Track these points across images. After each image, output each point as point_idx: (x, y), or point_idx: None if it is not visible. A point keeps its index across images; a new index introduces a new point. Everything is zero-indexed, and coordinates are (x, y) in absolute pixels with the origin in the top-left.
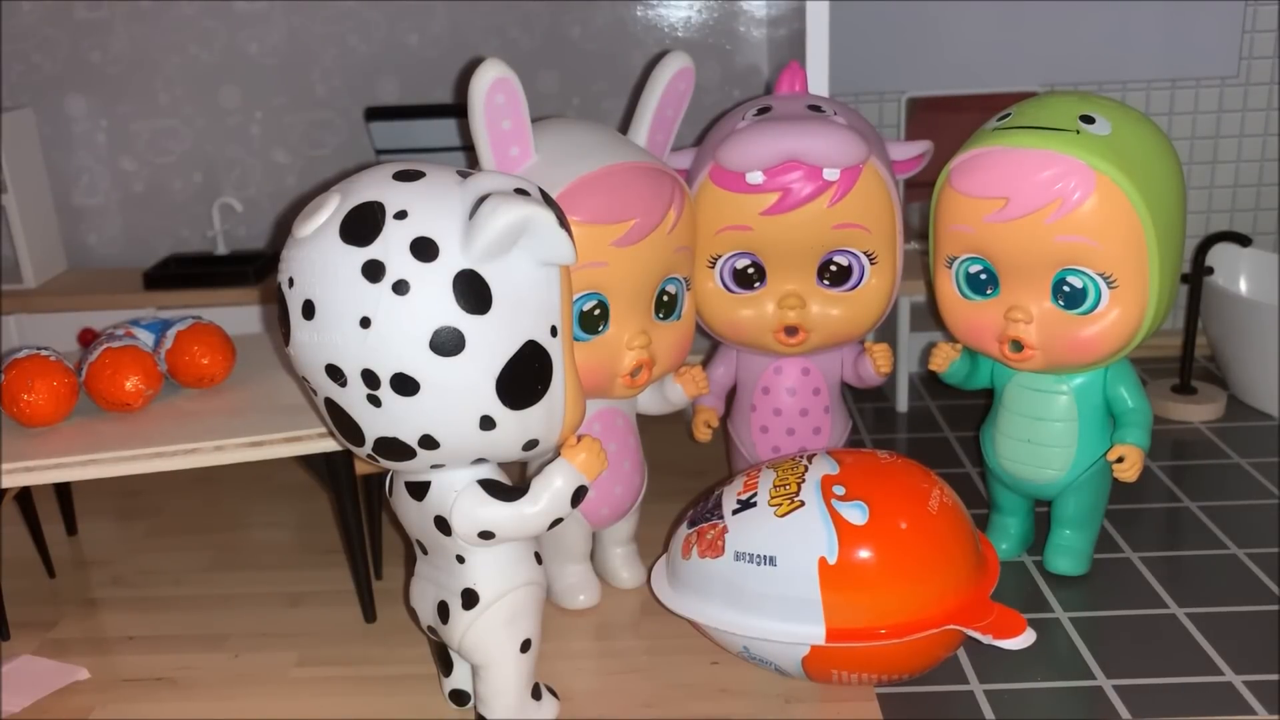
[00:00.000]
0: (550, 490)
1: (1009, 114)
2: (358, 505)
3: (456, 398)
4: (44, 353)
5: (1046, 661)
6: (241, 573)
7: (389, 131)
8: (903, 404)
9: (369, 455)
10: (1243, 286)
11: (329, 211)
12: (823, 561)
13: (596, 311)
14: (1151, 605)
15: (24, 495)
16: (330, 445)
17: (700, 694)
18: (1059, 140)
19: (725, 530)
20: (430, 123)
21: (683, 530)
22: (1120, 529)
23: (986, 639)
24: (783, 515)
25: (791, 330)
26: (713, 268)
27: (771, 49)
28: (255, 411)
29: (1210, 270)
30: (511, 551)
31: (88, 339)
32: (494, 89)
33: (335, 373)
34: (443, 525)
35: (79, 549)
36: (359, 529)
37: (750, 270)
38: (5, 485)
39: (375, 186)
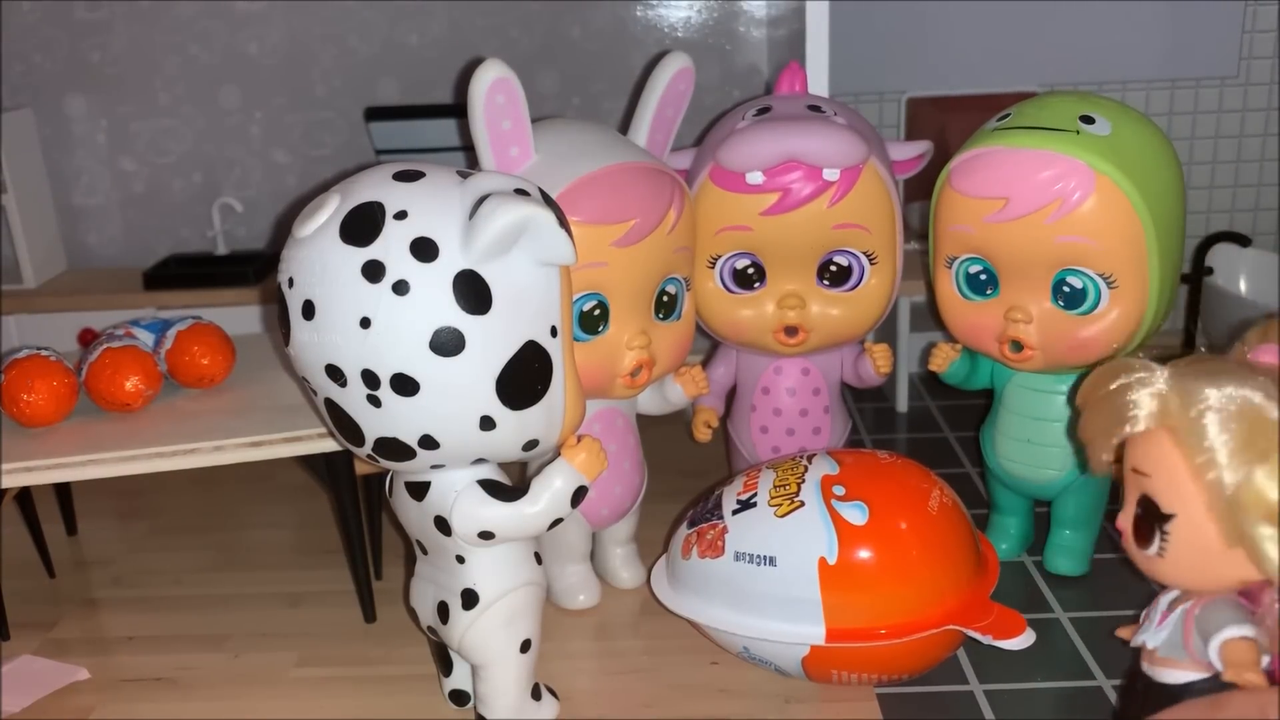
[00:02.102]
0: (550, 490)
1: (1009, 114)
2: (358, 505)
3: (456, 398)
4: (44, 353)
5: (1046, 661)
6: (241, 573)
7: (389, 131)
8: (903, 404)
9: (369, 455)
10: (1243, 286)
11: (329, 212)
12: (823, 562)
13: (596, 312)
14: None
15: (24, 495)
16: (330, 445)
17: (700, 694)
18: (1059, 140)
19: (725, 530)
20: (430, 123)
21: (683, 530)
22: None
23: (986, 639)
24: (783, 515)
25: (791, 330)
26: (713, 268)
27: (771, 49)
28: (255, 411)
29: (1210, 270)
30: (511, 552)
31: (88, 339)
32: (494, 89)
33: (335, 373)
34: (443, 525)
35: (79, 549)
36: (359, 529)
37: (750, 270)
38: (5, 485)
39: (375, 186)
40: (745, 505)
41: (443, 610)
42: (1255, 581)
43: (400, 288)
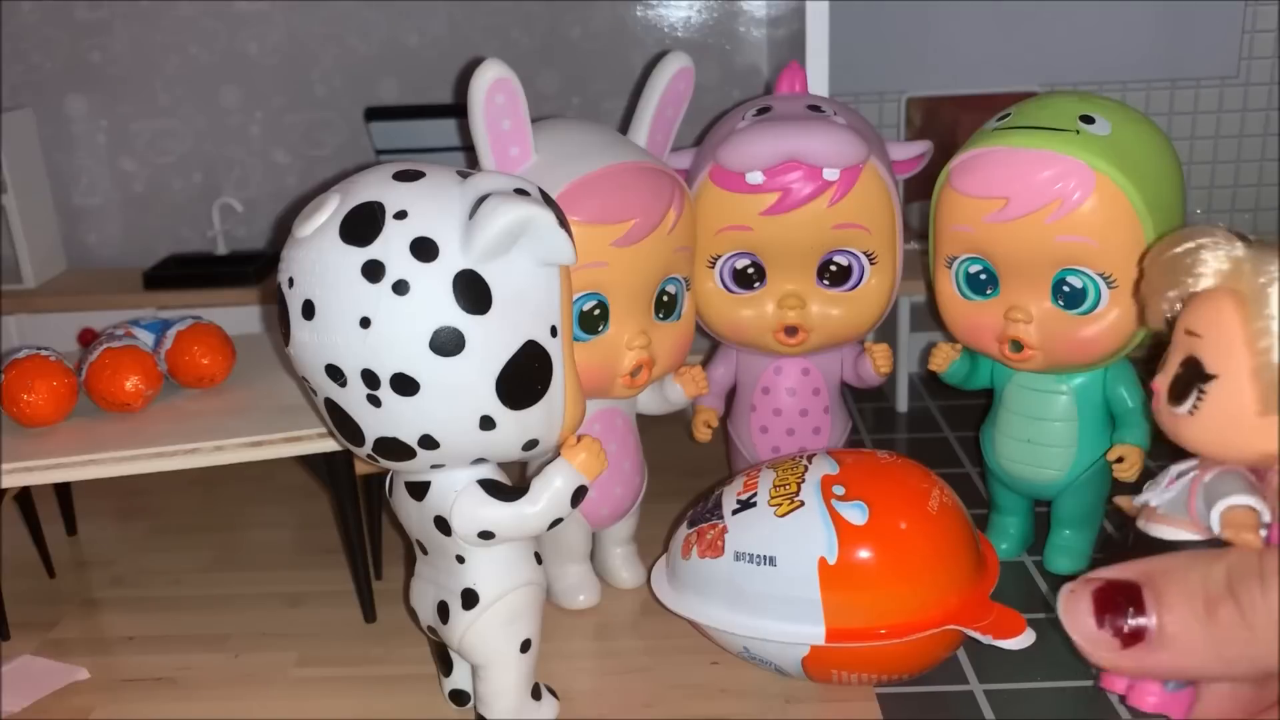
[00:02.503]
0: (550, 490)
1: (1009, 114)
2: (358, 505)
3: (456, 398)
4: (44, 353)
5: (1046, 661)
6: (241, 573)
7: (389, 131)
8: (903, 404)
9: (369, 455)
10: None
11: (329, 211)
12: (823, 562)
13: (596, 311)
14: None
15: (24, 495)
16: (330, 445)
17: (700, 694)
18: (1059, 140)
19: (725, 530)
20: (430, 123)
21: (683, 530)
22: (1120, 529)
23: (986, 639)
24: (783, 515)
25: (791, 330)
26: (712, 268)
27: (771, 49)
28: (255, 411)
29: None
30: (511, 551)
31: (88, 339)
32: (494, 89)
33: (335, 373)
34: (443, 525)
35: (79, 549)
36: (359, 529)
37: (750, 270)
38: (5, 485)
39: (375, 186)
40: (745, 505)
41: (443, 610)
42: (1267, 461)
43: (400, 288)
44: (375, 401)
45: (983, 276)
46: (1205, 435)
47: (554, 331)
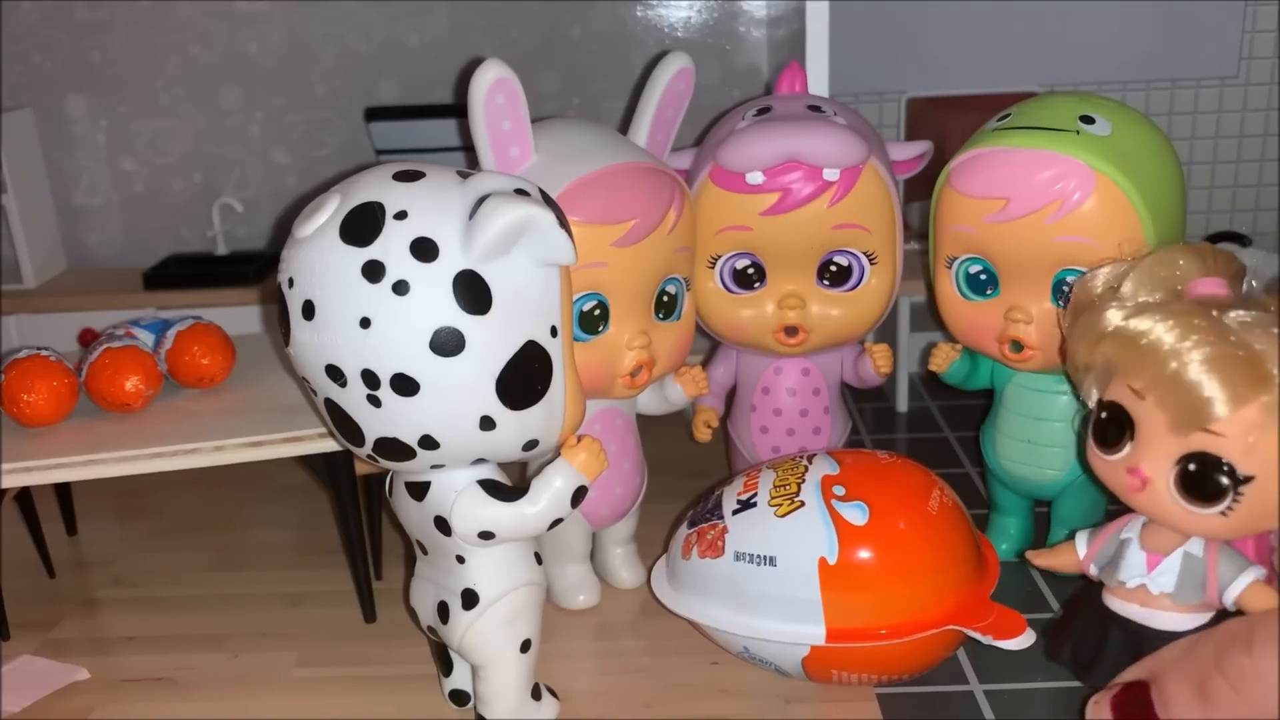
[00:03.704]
0: (550, 490)
1: (1009, 114)
2: (358, 505)
3: (456, 398)
4: (44, 353)
5: (1046, 662)
6: (241, 573)
7: (389, 132)
8: (903, 404)
9: (369, 455)
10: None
11: (329, 212)
12: (823, 562)
13: (596, 312)
14: None
15: (24, 495)
16: (330, 445)
17: (700, 694)
18: (1059, 140)
19: (725, 530)
20: (430, 123)
21: (683, 530)
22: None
23: (986, 639)
24: (783, 515)
25: (791, 330)
26: (713, 268)
27: (771, 49)
28: (255, 411)
29: None
30: (511, 552)
31: (88, 339)
32: (494, 89)
33: (335, 373)
34: (443, 525)
35: (79, 549)
36: (359, 529)
37: (750, 270)
38: (5, 485)
39: (375, 187)
40: (745, 505)
41: (443, 610)
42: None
43: (400, 288)
44: (375, 402)
45: (983, 277)
46: (1231, 529)
47: (554, 332)
